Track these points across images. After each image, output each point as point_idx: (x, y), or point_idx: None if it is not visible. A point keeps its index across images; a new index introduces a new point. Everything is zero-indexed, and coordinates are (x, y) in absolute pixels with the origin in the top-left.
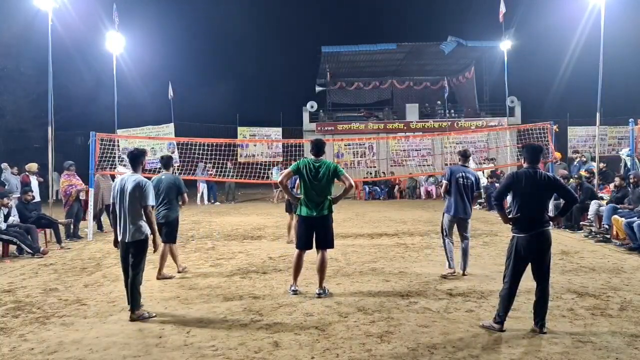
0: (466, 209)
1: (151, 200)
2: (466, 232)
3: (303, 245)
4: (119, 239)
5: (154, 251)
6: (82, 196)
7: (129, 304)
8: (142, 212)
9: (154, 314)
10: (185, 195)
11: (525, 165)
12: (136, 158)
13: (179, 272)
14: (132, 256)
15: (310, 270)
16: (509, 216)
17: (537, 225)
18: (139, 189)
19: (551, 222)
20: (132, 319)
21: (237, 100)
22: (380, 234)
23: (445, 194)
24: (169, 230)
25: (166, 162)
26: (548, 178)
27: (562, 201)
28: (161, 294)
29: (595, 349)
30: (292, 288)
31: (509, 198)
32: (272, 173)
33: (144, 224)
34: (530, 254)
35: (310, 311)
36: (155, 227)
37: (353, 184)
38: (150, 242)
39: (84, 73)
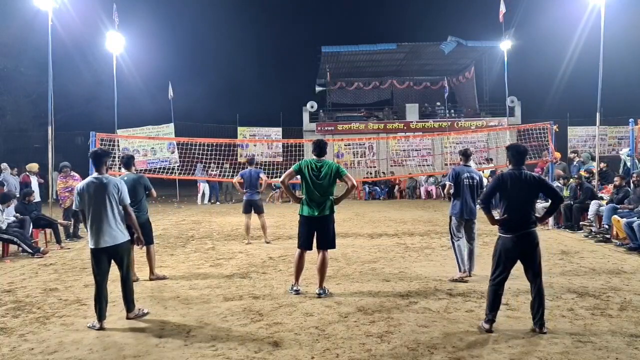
0: (472, 209)
1: (128, 198)
2: (472, 233)
3: (304, 244)
4: (100, 246)
5: (140, 247)
6: None
7: (126, 305)
8: (122, 212)
9: (147, 310)
10: (153, 190)
11: (510, 166)
12: (100, 158)
13: (150, 279)
14: (123, 258)
15: (310, 270)
16: (496, 217)
17: (523, 227)
18: (115, 189)
19: (538, 223)
20: (129, 318)
21: (237, 100)
22: (380, 234)
23: (448, 195)
24: (143, 233)
25: (126, 161)
26: (533, 178)
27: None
28: (161, 294)
29: (595, 349)
30: (294, 288)
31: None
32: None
33: (124, 224)
34: (516, 254)
35: (310, 311)
36: (136, 224)
37: (355, 184)
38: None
39: (84, 73)
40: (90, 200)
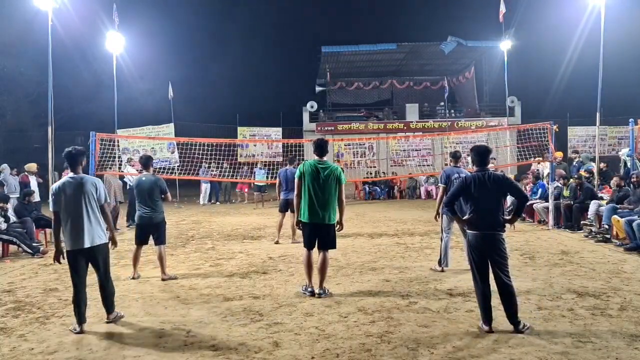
0: (462, 208)
1: (106, 197)
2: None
3: (309, 245)
4: (75, 247)
5: (113, 248)
6: None
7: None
8: (100, 212)
9: (123, 314)
10: (169, 194)
11: (475, 168)
12: (75, 158)
13: (163, 279)
14: (102, 261)
15: None
16: (464, 218)
17: (488, 227)
18: (94, 187)
19: (506, 225)
20: (108, 321)
21: (237, 100)
22: (380, 234)
23: (442, 196)
24: (158, 233)
25: (145, 162)
26: (498, 178)
27: (564, 203)
28: (161, 294)
29: (595, 349)
30: (308, 289)
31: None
32: (254, 173)
33: (103, 225)
34: (483, 251)
35: (310, 311)
36: (112, 224)
37: (344, 201)
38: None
39: (84, 73)
40: (62, 202)
